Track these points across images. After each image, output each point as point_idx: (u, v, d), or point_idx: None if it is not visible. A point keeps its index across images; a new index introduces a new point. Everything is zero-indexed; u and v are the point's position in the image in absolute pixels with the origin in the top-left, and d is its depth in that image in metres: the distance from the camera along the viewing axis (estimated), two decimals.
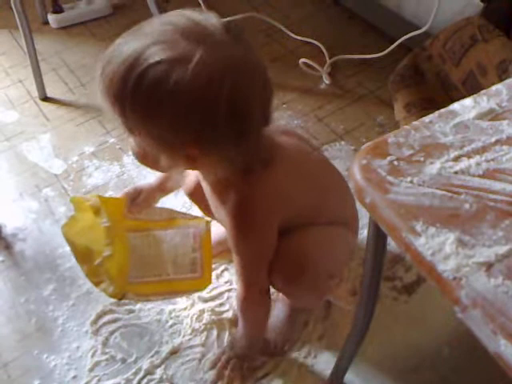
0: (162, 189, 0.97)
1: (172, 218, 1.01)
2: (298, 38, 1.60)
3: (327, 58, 1.53)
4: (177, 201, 1.19)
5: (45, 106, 1.49)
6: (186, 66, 0.64)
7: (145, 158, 0.76)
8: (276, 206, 0.79)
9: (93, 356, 1.00)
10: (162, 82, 0.64)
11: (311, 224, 0.85)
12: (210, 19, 0.67)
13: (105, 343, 1.01)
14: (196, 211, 1.04)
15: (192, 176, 0.93)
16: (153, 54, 0.64)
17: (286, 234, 0.83)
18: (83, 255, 0.89)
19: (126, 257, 0.94)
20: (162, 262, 0.97)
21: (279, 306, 1.01)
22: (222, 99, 0.65)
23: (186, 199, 1.07)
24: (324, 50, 1.55)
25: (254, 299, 0.86)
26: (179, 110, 0.65)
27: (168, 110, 0.65)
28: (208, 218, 1.01)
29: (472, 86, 1.21)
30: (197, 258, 0.98)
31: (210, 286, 1.06)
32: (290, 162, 0.81)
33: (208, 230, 1.00)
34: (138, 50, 0.65)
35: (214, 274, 1.08)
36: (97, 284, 0.87)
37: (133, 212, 0.96)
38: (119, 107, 0.67)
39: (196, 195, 0.93)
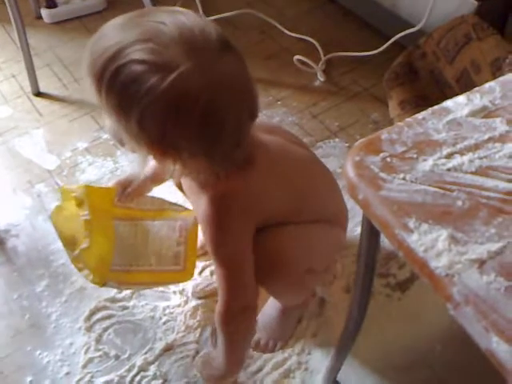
0: (155, 179, 0.97)
1: (162, 208, 1.01)
2: (293, 34, 1.60)
3: (322, 55, 1.53)
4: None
5: (38, 101, 1.48)
6: (166, 74, 0.63)
7: (112, 135, 0.77)
8: (251, 204, 0.77)
9: (86, 352, 0.99)
10: (136, 82, 0.63)
11: (292, 223, 0.84)
12: (210, 31, 0.66)
13: (98, 340, 1.01)
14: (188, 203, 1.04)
15: None
16: (139, 51, 0.63)
17: (263, 232, 0.81)
18: (68, 241, 0.90)
19: (110, 245, 0.94)
20: (146, 252, 0.97)
21: (271, 304, 1.01)
22: (194, 114, 0.65)
23: None
24: (319, 47, 1.55)
25: (233, 315, 0.80)
26: (147, 113, 0.65)
27: (136, 109, 0.65)
28: None
29: (466, 84, 1.21)
30: (180, 251, 0.98)
31: (204, 283, 1.06)
32: (270, 161, 0.79)
33: (195, 224, 0.99)
34: (128, 39, 0.64)
35: (207, 270, 1.08)
36: (80, 269, 0.88)
37: (123, 201, 0.96)
38: (96, 87, 0.67)
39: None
